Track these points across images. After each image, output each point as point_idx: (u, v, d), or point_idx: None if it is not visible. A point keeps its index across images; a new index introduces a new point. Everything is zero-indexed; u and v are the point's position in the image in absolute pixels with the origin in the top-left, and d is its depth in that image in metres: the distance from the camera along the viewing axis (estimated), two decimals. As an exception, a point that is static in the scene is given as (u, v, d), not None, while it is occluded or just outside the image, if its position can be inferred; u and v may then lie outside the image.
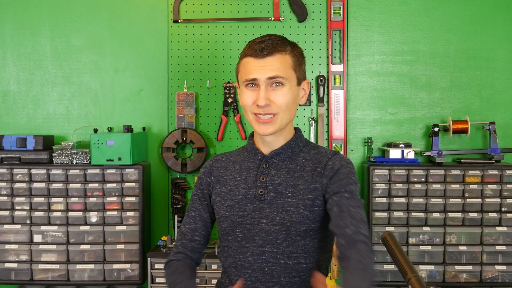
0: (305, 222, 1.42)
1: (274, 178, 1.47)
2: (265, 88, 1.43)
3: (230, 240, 1.48)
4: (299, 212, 1.42)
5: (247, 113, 1.47)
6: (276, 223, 1.43)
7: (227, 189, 1.51)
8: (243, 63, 1.48)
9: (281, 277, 1.42)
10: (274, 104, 1.43)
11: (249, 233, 1.45)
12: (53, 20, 2.91)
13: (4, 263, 2.63)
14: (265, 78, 1.42)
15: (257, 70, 1.43)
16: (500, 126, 2.78)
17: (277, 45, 1.44)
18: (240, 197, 1.48)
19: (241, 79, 1.48)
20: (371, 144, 2.81)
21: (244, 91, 1.47)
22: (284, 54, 1.45)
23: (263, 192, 1.46)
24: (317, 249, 1.46)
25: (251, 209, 1.46)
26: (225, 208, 1.49)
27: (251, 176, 1.49)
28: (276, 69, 1.42)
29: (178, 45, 2.88)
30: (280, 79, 1.43)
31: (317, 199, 1.44)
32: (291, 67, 1.46)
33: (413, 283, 1.06)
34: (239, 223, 1.46)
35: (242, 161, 1.54)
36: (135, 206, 2.64)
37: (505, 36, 2.81)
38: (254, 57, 1.44)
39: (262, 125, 1.45)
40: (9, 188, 2.66)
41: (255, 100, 1.43)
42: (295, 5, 2.81)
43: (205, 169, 1.58)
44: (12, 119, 2.93)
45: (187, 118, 2.83)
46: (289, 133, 1.53)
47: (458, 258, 2.58)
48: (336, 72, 2.82)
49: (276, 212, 1.43)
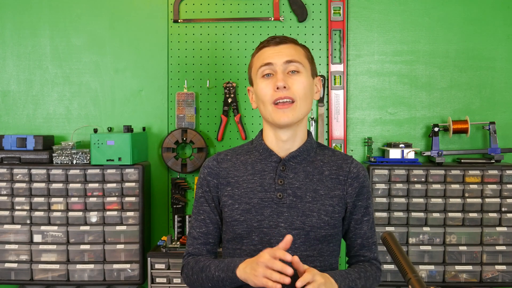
0: (325, 227, 1.43)
1: (292, 181, 1.45)
2: (282, 73, 1.42)
3: (244, 244, 1.44)
4: (320, 217, 1.42)
5: (266, 106, 1.44)
6: (295, 227, 1.41)
7: (241, 191, 1.46)
8: (257, 56, 1.48)
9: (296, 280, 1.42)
10: (292, 89, 1.42)
11: (266, 237, 1.42)
12: (53, 20, 2.91)
13: (4, 263, 2.63)
14: (282, 62, 1.42)
15: (273, 56, 1.44)
16: (500, 126, 2.78)
17: (289, 38, 1.49)
18: (257, 201, 1.44)
19: (256, 70, 1.47)
20: (371, 144, 2.81)
21: (260, 82, 1.45)
22: (296, 44, 1.49)
23: (281, 196, 1.43)
24: (331, 253, 1.48)
25: (268, 213, 1.43)
26: (240, 212, 1.44)
27: (267, 179, 1.46)
28: (292, 54, 1.44)
29: (178, 45, 2.88)
30: (297, 64, 1.43)
31: (337, 206, 1.45)
32: (305, 56, 1.48)
33: (413, 283, 1.06)
34: (256, 227, 1.43)
35: (253, 162, 1.50)
36: (135, 206, 2.64)
37: (505, 36, 2.81)
38: (269, 46, 1.46)
39: (282, 111, 1.41)
40: (9, 188, 2.66)
41: (273, 85, 1.42)
42: (295, 5, 2.81)
43: (209, 169, 1.51)
44: (12, 119, 2.94)
45: (187, 118, 2.83)
46: (304, 134, 1.51)
47: (458, 258, 2.58)
48: (336, 72, 2.82)
49: (296, 217, 1.42)
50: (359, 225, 1.52)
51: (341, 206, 1.46)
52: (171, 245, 2.64)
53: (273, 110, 1.43)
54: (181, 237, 2.70)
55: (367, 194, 1.52)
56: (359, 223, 1.52)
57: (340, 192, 1.46)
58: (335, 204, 1.45)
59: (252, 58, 1.51)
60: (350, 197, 1.48)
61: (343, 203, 1.47)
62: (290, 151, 1.48)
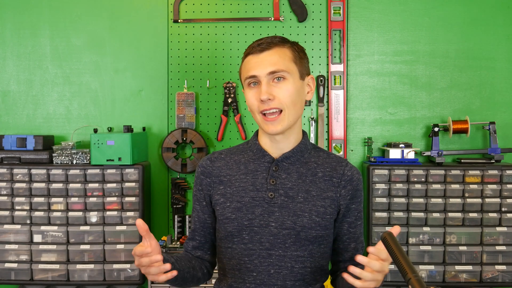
0: (316, 228, 1.42)
1: (284, 181, 1.45)
2: (267, 83, 1.40)
3: (235, 242, 1.45)
4: (311, 218, 1.42)
5: (255, 114, 1.44)
6: (286, 227, 1.42)
7: (233, 190, 1.47)
8: (243, 64, 1.47)
9: (286, 280, 1.42)
10: (278, 99, 1.40)
11: (256, 236, 1.43)
12: (53, 20, 2.91)
13: (4, 263, 2.63)
14: (265, 74, 1.40)
15: (256, 67, 1.41)
16: (500, 126, 2.78)
17: (274, 41, 1.44)
18: (248, 199, 1.44)
19: (243, 79, 1.47)
20: (371, 144, 2.81)
21: (247, 91, 1.45)
22: (282, 47, 1.44)
23: (273, 196, 1.44)
24: (322, 255, 1.48)
25: (259, 211, 1.43)
26: (231, 210, 1.45)
27: (259, 179, 1.46)
28: (275, 63, 1.40)
29: (178, 45, 2.88)
30: (281, 73, 1.40)
31: (329, 207, 1.45)
32: (291, 59, 1.44)
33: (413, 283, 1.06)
34: (247, 225, 1.43)
35: (247, 161, 1.50)
36: (135, 206, 2.64)
37: (505, 36, 2.81)
38: (252, 54, 1.43)
39: (270, 123, 1.41)
40: (9, 188, 2.66)
41: (258, 97, 1.41)
42: (295, 5, 2.81)
43: (203, 168, 1.53)
44: (12, 119, 2.94)
45: (187, 118, 2.83)
46: (299, 135, 1.51)
47: (458, 258, 2.58)
48: (336, 72, 2.82)
49: (287, 216, 1.42)
50: (353, 229, 1.52)
51: (333, 208, 1.46)
52: (171, 245, 2.64)
53: (261, 120, 1.43)
54: (181, 237, 2.70)
55: (360, 198, 1.53)
56: (353, 226, 1.52)
57: (333, 194, 1.46)
58: (327, 206, 1.44)
59: (241, 63, 1.49)
60: (343, 199, 1.48)
61: (336, 205, 1.47)
62: (284, 152, 1.48)
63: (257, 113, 1.43)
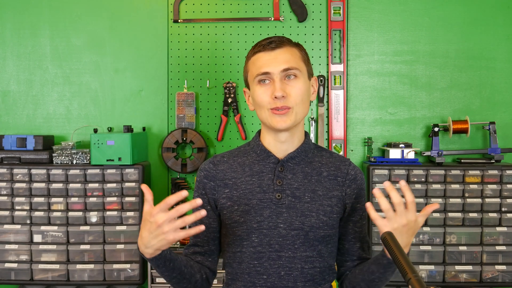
0: (324, 228, 1.43)
1: (291, 182, 1.45)
2: (280, 80, 1.40)
3: (244, 246, 1.43)
4: (319, 217, 1.42)
5: (263, 110, 1.43)
6: (295, 227, 1.41)
7: (240, 193, 1.45)
8: (252, 61, 1.46)
9: (297, 282, 1.41)
10: (290, 97, 1.40)
11: (265, 238, 1.42)
12: (53, 20, 2.91)
13: (4, 263, 2.63)
14: (279, 71, 1.40)
15: (269, 63, 1.41)
16: (500, 126, 2.78)
17: (284, 40, 1.45)
18: (256, 202, 1.43)
19: (252, 77, 1.45)
20: (371, 144, 2.81)
21: (257, 88, 1.43)
22: (292, 46, 1.45)
23: (280, 196, 1.43)
24: (330, 254, 1.48)
25: (268, 213, 1.42)
26: (239, 213, 1.43)
27: (266, 180, 1.45)
28: (288, 61, 1.41)
29: (178, 45, 2.88)
30: (294, 71, 1.41)
31: (336, 206, 1.45)
32: (301, 59, 1.45)
33: (413, 283, 1.06)
34: (256, 228, 1.42)
35: (251, 163, 1.49)
36: (135, 206, 2.64)
37: (505, 36, 2.81)
38: (264, 51, 1.43)
39: (279, 117, 1.40)
40: (9, 188, 2.66)
41: (271, 93, 1.40)
42: (295, 5, 2.81)
43: (206, 172, 1.50)
44: (12, 119, 2.94)
45: (187, 118, 2.83)
46: (302, 135, 1.51)
47: (458, 258, 2.58)
48: (336, 72, 2.82)
49: (295, 217, 1.42)
50: (359, 228, 1.53)
51: (339, 206, 1.46)
52: (171, 245, 2.64)
53: (270, 115, 1.42)
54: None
55: (364, 197, 1.53)
56: (358, 226, 1.52)
57: (338, 193, 1.47)
58: (334, 205, 1.45)
59: (247, 61, 1.48)
60: (349, 198, 1.49)
61: (342, 204, 1.47)
62: (288, 152, 1.48)
63: (266, 109, 1.42)
